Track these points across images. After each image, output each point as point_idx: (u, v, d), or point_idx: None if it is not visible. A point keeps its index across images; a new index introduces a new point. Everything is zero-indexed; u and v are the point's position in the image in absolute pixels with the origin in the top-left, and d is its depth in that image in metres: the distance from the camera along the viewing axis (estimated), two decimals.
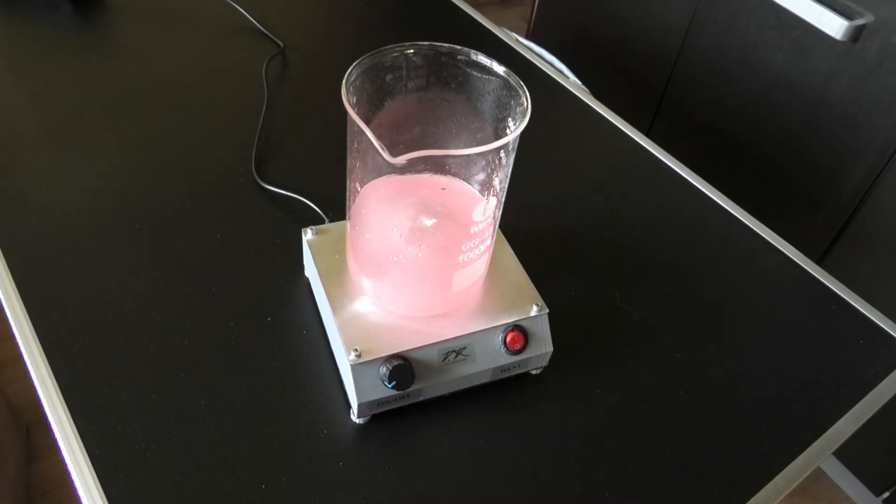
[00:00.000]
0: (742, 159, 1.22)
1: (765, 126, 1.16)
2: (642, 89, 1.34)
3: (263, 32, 0.89)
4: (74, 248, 0.62)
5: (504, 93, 0.49)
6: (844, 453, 1.26)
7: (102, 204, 0.66)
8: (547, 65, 0.92)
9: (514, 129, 0.46)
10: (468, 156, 0.46)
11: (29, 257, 0.61)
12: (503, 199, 0.52)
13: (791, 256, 0.72)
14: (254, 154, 0.73)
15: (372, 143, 0.42)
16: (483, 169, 0.49)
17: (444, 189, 0.52)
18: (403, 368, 0.51)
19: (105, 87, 0.79)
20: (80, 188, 0.68)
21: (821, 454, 0.56)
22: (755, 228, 0.74)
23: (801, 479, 0.54)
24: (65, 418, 0.51)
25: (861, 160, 1.05)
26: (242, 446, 0.51)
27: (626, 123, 0.85)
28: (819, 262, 1.14)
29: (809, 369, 0.62)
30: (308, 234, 0.59)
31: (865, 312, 0.67)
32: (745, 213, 0.76)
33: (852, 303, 0.68)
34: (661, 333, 0.63)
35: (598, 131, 0.84)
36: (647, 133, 1.11)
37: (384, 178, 0.51)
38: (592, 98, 0.89)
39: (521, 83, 0.48)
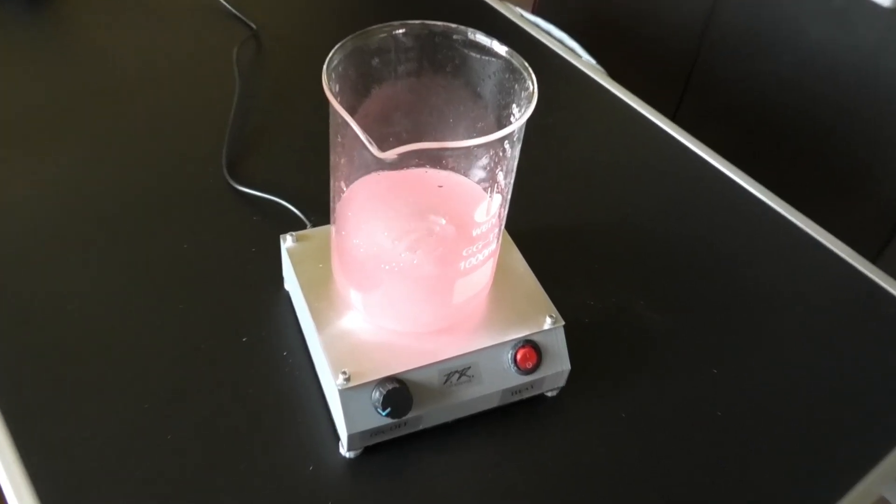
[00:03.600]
0: (781, 144, 1.21)
1: (805, 106, 1.16)
2: (665, 68, 1.34)
3: (233, 14, 0.89)
4: (25, 263, 0.62)
5: (507, 76, 0.49)
6: None
7: (56, 212, 0.66)
8: (556, 42, 0.92)
9: (520, 117, 0.46)
10: (468, 148, 0.46)
11: None
12: (509, 197, 0.52)
13: (840, 254, 0.71)
14: (224, 151, 0.73)
15: (358, 137, 0.42)
16: (485, 163, 0.49)
17: (441, 186, 0.52)
18: (399, 393, 0.50)
19: (62, 83, 0.79)
20: (32, 195, 0.68)
21: (882, 482, 0.55)
22: (798, 223, 0.74)
23: None
24: (10, 455, 0.51)
25: None
26: (217, 485, 0.51)
27: (647, 107, 0.85)
28: (874, 259, 1.14)
29: (864, 383, 0.61)
30: (287, 242, 0.59)
31: None
32: (787, 205, 0.75)
33: None
34: (694, 345, 0.62)
35: (617, 116, 0.84)
36: (673, 117, 1.10)
37: (373, 175, 0.50)
38: (609, 79, 0.89)
39: (527, 64, 0.48)
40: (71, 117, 0.75)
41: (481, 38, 0.49)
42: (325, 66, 0.46)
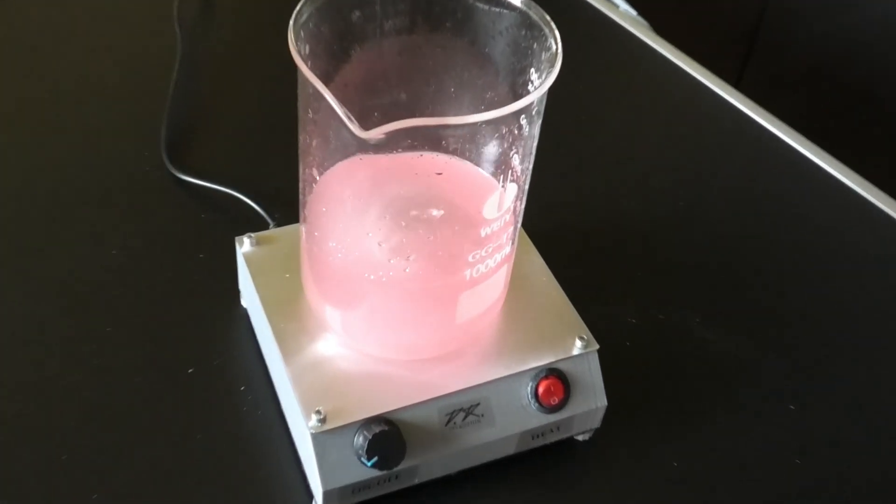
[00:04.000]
0: (877, 117, 1.22)
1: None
2: (725, 22, 1.34)
3: None
4: None
5: (523, 33, 0.49)
6: None
7: None
8: None
9: (540, 85, 0.46)
10: (474, 125, 0.46)
11: None
12: (527, 187, 0.52)
13: None
14: (163, 131, 0.73)
15: (334, 112, 0.43)
16: (496, 144, 0.49)
17: (440, 174, 0.52)
18: (389, 437, 0.50)
19: None
20: None
21: None
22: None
23: None
24: None
25: None
26: None
27: (704, 70, 0.86)
28: None
29: None
30: (245, 245, 0.59)
31: None
32: (885, 195, 0.76)
33: None
34: (764, 374, 0.63)
35: (664, 83, 0.84)
36: (737, 84, 1.10)
37: (354, 160, 0.51)
38: (654, 35, 0.89)
39: (548, 18, 0.48)
40: None
41: None
42: (291, 23, 0.46)
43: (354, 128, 0.42)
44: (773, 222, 0.73)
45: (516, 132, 0.48)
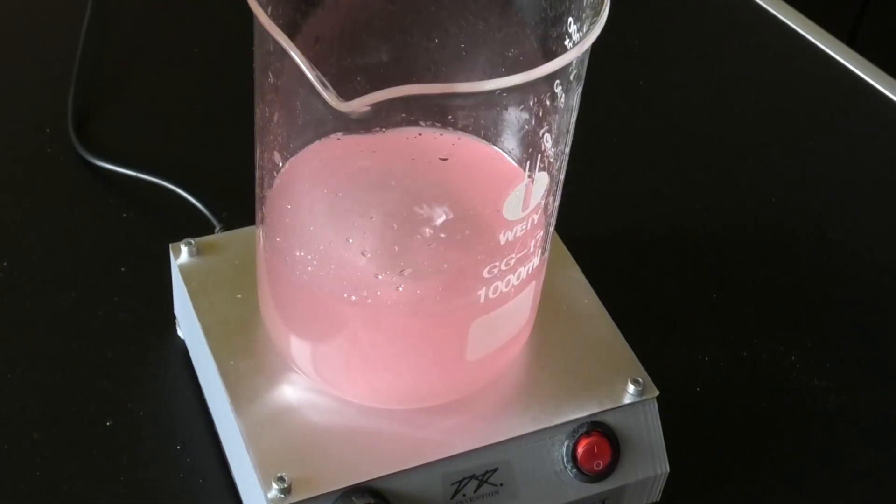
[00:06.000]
0: None
1: None
2: None
3: None
4: None
5: None
6: None
7: None
8: None
9: (581, 40, 0.46)
10: (491, 94, 0.46)
11: None
12: (562, 178, 0.52)
13: None
14: (71, 102, 0.74)
15: (303, 75, 0.43)
16: (521, 119, 0.50)
17: (445, 160, 0.52)
18: None
19: None
20: None
21: None
22: None
23: None
24: None
25: None
26: None
27: (805, 20, 0.86)
28: None
29: None
30: (183, 255, 0.60)
31: None
32: None
33: None
34: (882, 428, 0.63)
35: (752, 40, 0.85)
36: (850, 41, 1.10)
37: (329, 141, 0.51)
38: None
39: None
40: None
41: None
42: None
43: (329, 96, 0.42)
44: None
45: (549, 103, 0.49)
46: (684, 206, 0.74)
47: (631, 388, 0.55)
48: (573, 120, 0.50)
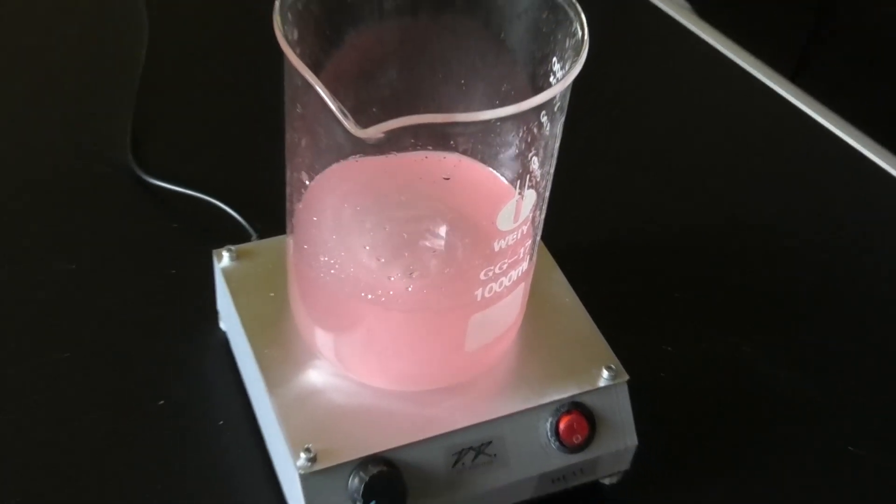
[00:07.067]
0: None
1: None
2: (781, 6, 1.35)
3: None
4: None
5: (545, 15, 0.50)
6: None
7: None
8: None
9: (563, 77, 0.46)
10: (487, 122, 0.46)
11: None
12: (547, 194, 0.53)
13: None
14: (130, 129, 0.74)
15: (326, 107, 0.43)
16: (513, 144, 0.50)
17: (447, 179, 0.52)
18: (388, 480, 0.51)
19: None
20: None
21: None
22: None
23: None
24: None
25: None
26: None
27: (754, 60, 0.86)
28: None
29: None
30: (223, 260, 0.60)
31: None
32: None
33: None
34: (825, 412, 0.63)
35: (709, 74, 0.85)
36: (793, 77, 1.10)
37: (348, 162, 0.51)
38: (697, 18, 0.90)
39: None
40: None
41: None
42: (276, 3, 0.46)
43: (349, 124, 0.43)
44: (836, 233, 0.74)
45: (536, 131, 0.49)
46: (653, 219, 0.74)
47: (605, 373, 0.56)
48: (557, 145, 0.51)
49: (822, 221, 0.74)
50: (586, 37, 0.47)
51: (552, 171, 0.52)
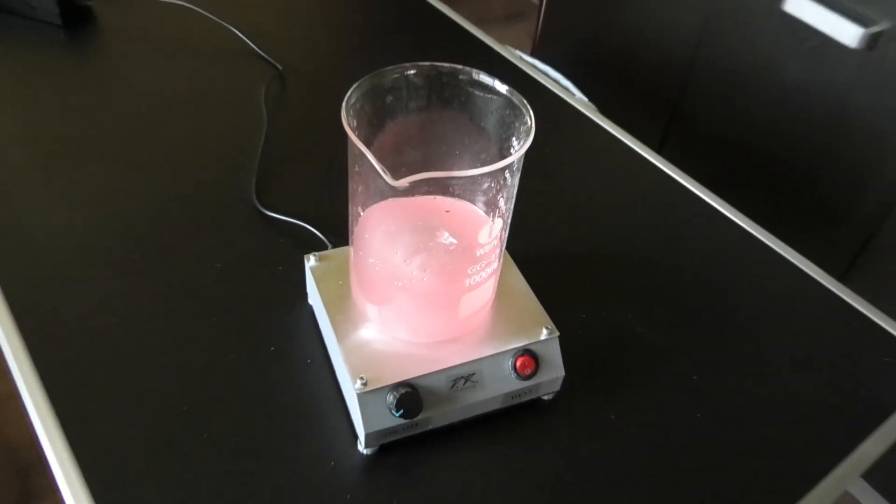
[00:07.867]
0: (760, 173, 1.23)
1: (783, 138, 1.17)
2: (653, 103, 1.36)
3: (261, 56, 0.91)
4: (72, 280, 0.63)
5: (507, 112, 0.50)
6: (873, 476, 1.25)
7: (99, 234, 0.67)
8: (552, 82, 0.94)
9: (519, 148, 0.47)
10: (472, 177, 0.47)
11: (26, 289, 0.62)
12: (509, 221, 0.53)
13: (812, 274, 0.72)
14: (254, 180, 0.74)
15: (373, 167, 0.44)
16: (488, 190, 0.50)
17: (448, 211, 0.53)
18: (411, 396, 0.51)
19: (100, 114, 0.80)
20: (76, 218, 0.69)
21: (848, 477, 0.56)
22: (774, 247, 0.75)
23: None
24: (66, 457, 0.52)
25: (885, 170, 1.06)
26: (247, 480, 0.52)
27: (634, 140, 0.86)
28: (842, 277, 1.15)
29: (834, 390, 0.62)
30: (311, 261, 0.60)
31: (889, 329, 0.67)
32: (764, 231, 0.76)
33: (876, 320, 0.68)
34: (679, 357, 0.63)
35: (607, 148, 0.85)
36: (658, 149, 1.11)
37: (387, 201, 0.52)
38: (599, 114, 0.90)
39: (525, 102, 0.49)
40: (109, 147, 0.76)
41: (484, 78, 0.51)
42: (343, 104, 0.47)
43: (388, 178, 0.43)
44: (684, 250, 0.73)
45: (502, 182, 0.49)
46: (573, 236, 0.73)
47: (544, 331, 0.56)
48: (515, 190, 0.51)
49: (674, 244, 0.74)
50: (533, 125, 0.48)
51: (512, 206, 0.52)
